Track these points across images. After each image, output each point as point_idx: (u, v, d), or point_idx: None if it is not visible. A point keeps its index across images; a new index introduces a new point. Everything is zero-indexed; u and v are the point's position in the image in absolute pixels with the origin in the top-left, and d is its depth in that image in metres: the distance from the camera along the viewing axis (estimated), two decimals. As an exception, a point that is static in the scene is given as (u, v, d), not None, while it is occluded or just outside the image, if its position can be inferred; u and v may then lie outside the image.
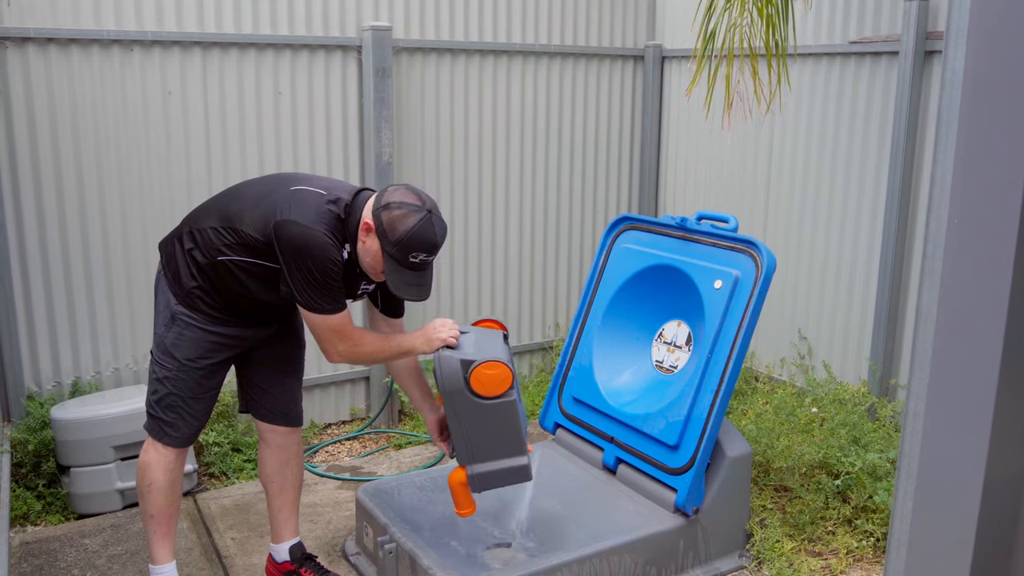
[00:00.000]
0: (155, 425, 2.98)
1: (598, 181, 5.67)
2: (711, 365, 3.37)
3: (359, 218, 2.78)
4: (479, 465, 2.97)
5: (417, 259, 2.72)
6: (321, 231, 2.71)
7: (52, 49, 3.93)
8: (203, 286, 2.88)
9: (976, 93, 1.16)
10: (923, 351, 1.22)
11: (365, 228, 2.75)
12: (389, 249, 2.70)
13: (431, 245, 2.72)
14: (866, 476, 3.70)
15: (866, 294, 4.58)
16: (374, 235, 2.73)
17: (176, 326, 2.90)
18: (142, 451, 3.03)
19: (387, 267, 2.74)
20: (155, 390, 2.95)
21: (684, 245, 3.64)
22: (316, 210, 2.74)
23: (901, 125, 4.24)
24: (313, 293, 2.73)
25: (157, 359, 2.94)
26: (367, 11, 4.65)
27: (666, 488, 3.41)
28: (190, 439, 3.02)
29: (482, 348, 2.92)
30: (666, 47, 5.63)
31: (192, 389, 2.93)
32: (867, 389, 4.46)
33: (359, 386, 5.01)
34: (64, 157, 4.03)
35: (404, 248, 2.69)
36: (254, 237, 2.78)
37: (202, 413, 3.00)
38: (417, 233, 2.69)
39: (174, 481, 3.03)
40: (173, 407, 2.94)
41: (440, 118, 4.98)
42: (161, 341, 2.93)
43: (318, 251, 2.69)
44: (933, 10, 4.16)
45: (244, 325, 2.97)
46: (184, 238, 2.92)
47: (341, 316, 2.81)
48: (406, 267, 2.73)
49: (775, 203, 5.02)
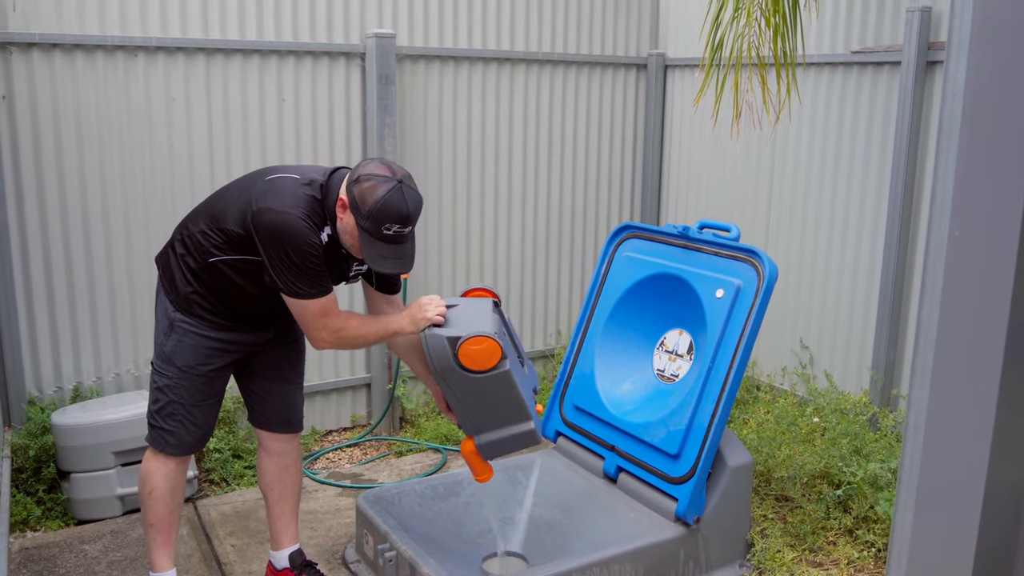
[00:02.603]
0: (156, 435, 2.97)
1: (600, 189, 5.67)
2: (713, 374, 3.36)
3: (336, 197, 2.76)
4: (485, 435, 2.95)
5: (391, 231, 2.67)
6: (296, 215, 2.68)
7: (57, 54, 3.94)
8: (199, 290, 2.88)
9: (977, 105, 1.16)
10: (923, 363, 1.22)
11: (340, 204, 2.73)
12: (362, 222, 2.67)
13: (402, 216, 2.66)
14: (867, 486, 3.70)
15: (867, 304, 4.58)
16: (349, 210, 2.71)
17: (175, 333, 2.90)
18: (144, 459, 3.04)
19: (362, 241, 2.69)
20: (156, 399, 2.95)
21: (686, 254, 3.64)
22: (292, 195, 2.72)
23: (903, 135, 4.25)
24: (293, 278, 2.70)
25: (157, 368, 2.95)
26: (371, 18, 4.66)
27: (667, 497, 3.40)
28: (191, 448, 3.01)
29: (469, 322, 2.88)
30: (669, 56, 5.64)
31: (193, 396, 2.93)
32: (868, 399, 4.46)
33: (360, 393, 5.01)
34: (68, 163, 4.03)
35: (376, 220, 2.64)
36: (237, 232, 2.77)
37: (203, 421, 3.00)
38: (387, 204, 2.64)
39: (175, 489, 3.03)
40: (174, 415, 2.93)
41: (443, 125, 4.99)
42: (161, 350, 2.93)
43: (294, 235, 2.67)
44: (935, 20, 4.17)
45: (242, 329, 2.97)
46: (176, 245, 2.93)
47: (324, 300, 2.77)
48: (380, 239, 2.68)
49: (777, 212, 5.02)
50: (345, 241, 2.79)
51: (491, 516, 3.50)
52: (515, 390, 2.91)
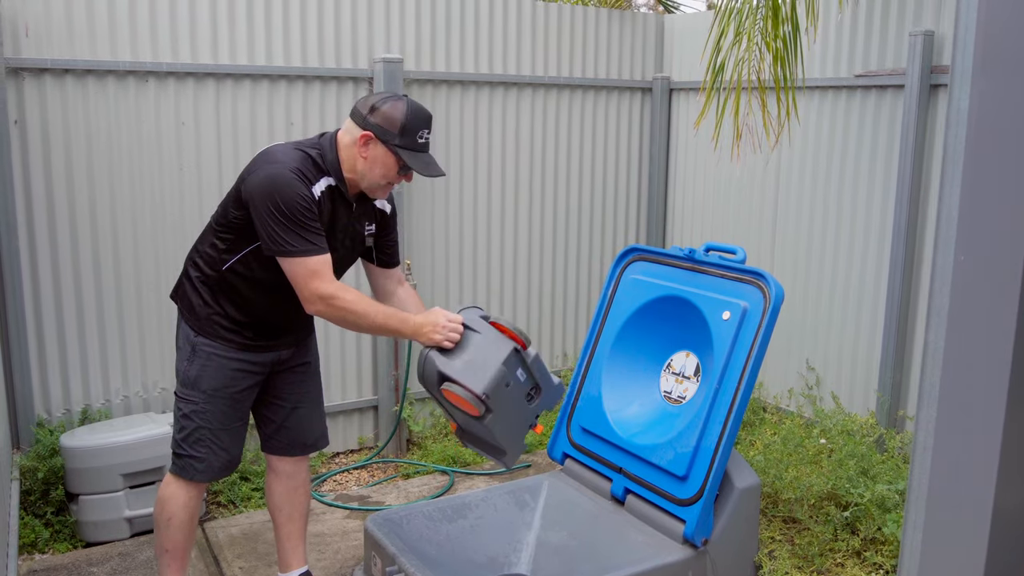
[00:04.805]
0: (184, 463, 2.95)
1: (606, 212, 5.70)
2: (720, 396, 3.37)
3: (337, 154, 2.81)
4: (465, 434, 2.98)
5: (423, 139, 2.79)
6: (286, 166, 2.71)
7: (68, 79, 3.99)
8: (219, 310, 2.90)
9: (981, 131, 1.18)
10: (931, 386, 1.24)
11: (363, 141, 2.77)
12: (399, 142, 2.74)
13: (428, 119, 2.81)
14: (875, 508, 3.69)
15: (873, 325, 4.58)
16: (375, 141, 2.76)
17: (198, 358, 2.91)
18: (163, 484, 3.03)
19: (406, 160, 2.76)
20: (182, 427, 2.93)
21: (692, 276, 3.66)
22: (283, 154, 2.77)
23: (907, 158, 4.27)
24: (282, 232, 2.67)
25: (182, 396, 2.94)
26: (379, 43, 4.71)
27: (675, 519, 3.40)
28: (219, 473, 3.00)
29: (471, 365, 2.83)
30: (674, 79, 5.69)
31: (220, 420, 2.93)
32: (875, 420, 4.46)
33: (367, 415, 5.02)
34: (78, 185, 4.07)
35: (411, 131, 2.75)
36: (238, 216, 2.80)
37: (231, 445, 2.99)
38: (414, 114, 2.76)
39: (193, 516, 3.03)
40: (202, 441, 2.92)
41: (450, 149, 5.03)
42: (185, 376, 2.93)
43: (283, 184, 2.68)
44: (938, 44, 4.20)
45: (261, 347, 2.97)
46: (190, 270, 2.96)
47: (314, 260, 2.71)
48: (417, 150, 2.79)
49: (782, 234, 5.04)
50: (375, 177, 2.81)
51: (498, 538, 3.49)
52: (492, 435, 2.90)
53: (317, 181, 2.77)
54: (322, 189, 2.78)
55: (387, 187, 2.88)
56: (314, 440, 3.24)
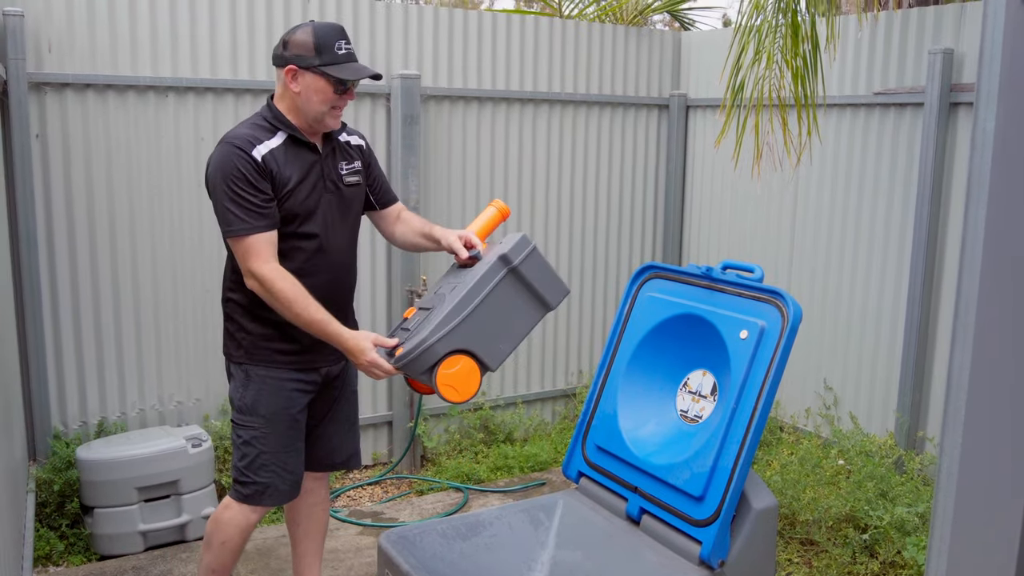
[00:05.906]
0: (251, 490, 2.89)
1: (623, 229, 5.69)
2: (737, 415, 3.34)
3: (278, 107, 2.82)
4: None
5: (343, 49, 2.76)
6: (226, 144, 2.72)
7: (89, 94, 4.02)
8: (259, 331, 2.86)
9: (1007, 154, 1.17)
10: (955, 411, 1.22)
11: (290, 77, 2.76)
12: (319, 62, 2.73)
13: (339, 30, 2.78)
14: (894, 530, 3.65)
15: (892, 345, 4.54)
16: (300, 72, 2.74)
17: (252, 383, 2.87)
18: (222, 506, 2.97)
19: (334, 74, 2.73)
20: (244, 455, 2.88)
21: (709, 294, 3.64)
22: (227, 135, 2.79)
23: (927, 176, 4.24)
24: (228, 210, 2.69)
25: (240, 423, 2.89)
26: (396, 59, 4.73)
27: (691, 540, 3.37)
28: (287, 496, 2.96)
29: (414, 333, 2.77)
30: (691, 96, 5.68)
31: (282, 442, 2.89)
32: (894, 441, 4.41)
33: (382, 431, 5.01)
34: (97, 199, 4.10)
35: (327, 47, 2.73)
36: None
37: (295, 468, 2.94)
38: (319, 30, 2.74)
39: (246, 541, 3.00)
40: (266, 466, 2.88)
41: (467, 165, 5.04)
42: (241, 404, 2.88)
43: (225, 159, 2.70)
44: (958, 62, 4.18)
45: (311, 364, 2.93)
46: (227, 295, 2.93)
47: (253, 238, 2.69)
48: (343, 62, 2.76)
49: (800, 252, 5.01)
50: (314, 106, 2.77)
51: (512, 558, 3.47)
52: None
53: (268, 139, 2.76)
54: (275, 145, 2.76)
55: (334, 112, 2.83)
56: (344, 459, 3.21)
